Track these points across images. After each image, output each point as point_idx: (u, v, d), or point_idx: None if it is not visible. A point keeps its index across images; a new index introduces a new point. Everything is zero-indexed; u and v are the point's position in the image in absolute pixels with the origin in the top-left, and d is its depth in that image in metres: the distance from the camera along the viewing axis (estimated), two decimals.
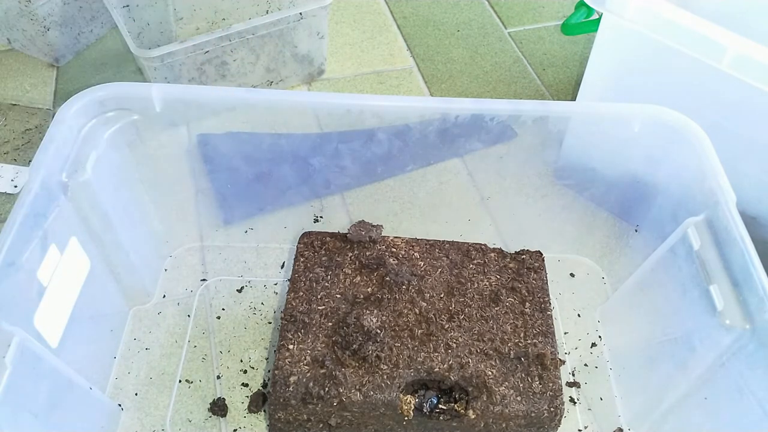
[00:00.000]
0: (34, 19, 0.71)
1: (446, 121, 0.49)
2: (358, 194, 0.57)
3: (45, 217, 0.41)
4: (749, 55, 0.45)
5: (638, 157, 0.51)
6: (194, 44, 0.63)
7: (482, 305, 0.49)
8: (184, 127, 0.51)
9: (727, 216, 0.42)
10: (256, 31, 0.66)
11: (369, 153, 0.52)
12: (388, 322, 0.47)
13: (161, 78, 0.64)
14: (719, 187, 0.44)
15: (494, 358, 0.46)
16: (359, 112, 0.48)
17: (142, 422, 0.48)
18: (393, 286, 0.49)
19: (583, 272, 0.59)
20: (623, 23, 0.51)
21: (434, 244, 0.53)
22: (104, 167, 0.46)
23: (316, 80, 0.77)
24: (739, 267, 0.40)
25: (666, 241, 0.48)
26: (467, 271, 0.52)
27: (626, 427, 0.49)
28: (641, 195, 0.53)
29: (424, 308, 0.48)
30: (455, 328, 0.47)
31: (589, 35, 0.81)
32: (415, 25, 0.86)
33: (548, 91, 0.77)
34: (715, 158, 0.45)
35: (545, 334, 0.48)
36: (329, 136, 0.51)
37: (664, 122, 0.48)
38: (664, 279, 0.48)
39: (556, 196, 0.56)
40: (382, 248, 0.52)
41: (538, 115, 0.49)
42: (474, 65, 0.80)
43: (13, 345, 0.35)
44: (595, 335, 0.55)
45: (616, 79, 0.56)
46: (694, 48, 0.48)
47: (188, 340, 0.53)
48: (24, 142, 0.68)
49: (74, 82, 0.75)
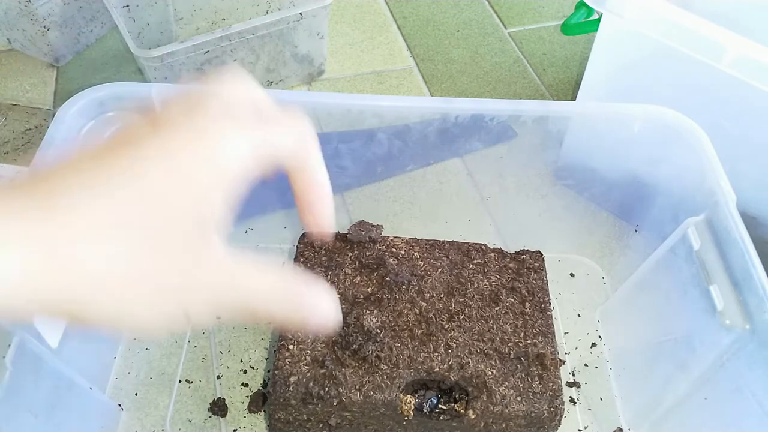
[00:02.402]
0: (34, 19, 0.71)
1: (446, 121, 0.49)
2: (358, 194, 0.57)
3: None
4: (749, 55, 0.45)
5: (638, 157, 0.51)
6: (194, 44, 0.63)
7: (482, 305, 0.49)
8: None
9: (727, 216, 0.42)
10: (256, 31, 0.66)
11: (369, 153, 0.52)
12: (388, 322, 0.47)
13: (161, 78, 0.64)
14: (719, 187, 0.44)
15: (494, 358, 0.46)
16: (359, 112, 0.48)
17: (142, 422, 0.48)
18: (393, 286, 0.49)
19: (583, 272, 0.59)
20: (623, 23, 0.51)
21: (434, 244, 0.53)
22: None
23: (316, 80, 0.77)
24: (739, 267, 0.40)
25: (666, 241, 0.48)
26: (467, 271, 0.52)
27: (626, 427, 0.49)
28: (641, 195, 0.53)
29: (424, 308, 0.48)
30: (455, 328, 0.47)
31: (589, 35, 0.81)
32: (415, 25, 0.86)
33: (548, 91, 0.77)
34: (715, 158, 0.45)
35: (545, 334, 0.48)
36: (329, 136, 0.51)
37: (664, 122, 0.48)
38: (664, 279, 0.48)
39: (556, 196, 0.56)
40: (382, 248, 0.52)
41: (538, 115, 0.49)
42: (474, 65, 0.80)
43: (13, 345, 0.35)
44: (595, 335, 0.55)
45: (616, 79, 0.56)
46: (694, 48, 0.48)
47: (188, 340, 0.53)
48: (24, 142, 0.68)
49: (74, 82, 0.75)
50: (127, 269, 0.23)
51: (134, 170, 0.24)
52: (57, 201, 0.23)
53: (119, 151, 0.25)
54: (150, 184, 0.24)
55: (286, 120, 0.29)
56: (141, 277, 0.24)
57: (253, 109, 0.29)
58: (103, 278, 0.23)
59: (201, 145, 0.24)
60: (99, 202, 0.24)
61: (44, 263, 0.23)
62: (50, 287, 0.23)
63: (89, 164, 0.24)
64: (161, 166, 0.24)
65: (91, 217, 0.23)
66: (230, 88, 0.28)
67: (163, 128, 0.25)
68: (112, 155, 0.25)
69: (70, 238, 0.23)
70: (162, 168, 0.24)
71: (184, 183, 0.24)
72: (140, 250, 0.23)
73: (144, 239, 0.24)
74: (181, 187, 0.24)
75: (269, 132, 0.27)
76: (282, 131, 0.28)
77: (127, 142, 0.25)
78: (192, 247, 0.24)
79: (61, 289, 0.23)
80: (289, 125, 0.28)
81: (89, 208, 0.23)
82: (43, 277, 0.23)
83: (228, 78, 0.28)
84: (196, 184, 0.24)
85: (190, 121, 0.25)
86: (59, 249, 0.23)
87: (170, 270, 0.24)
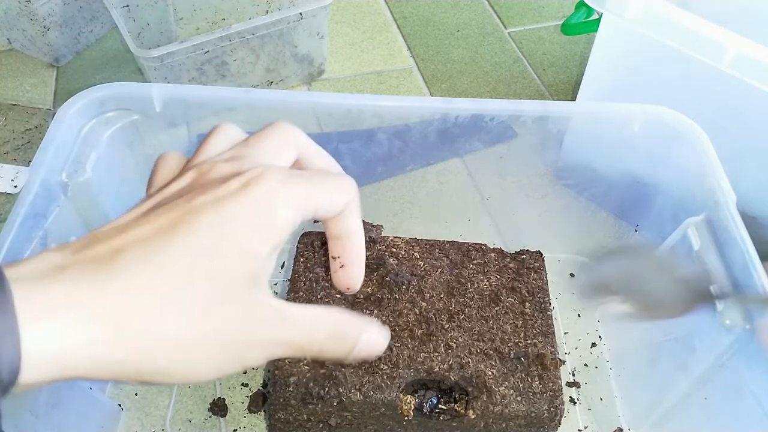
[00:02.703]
0: (34, 19, 0.71)
1: (446, 121, 0.49)
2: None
3: (45, 217, 0.41)
4: (749, 55, 0.45)
5: (638, 157, 0.51)
6: (194, 44, 0.63)
7: (482, 305, 0.49)
8: (184, 127, 0.51)
9: (727, 216, 0.42)
10: (256, 31, 0.66)
11: (369, 153, 0.52)
12: (388, 322, 0.47)
13: (161, 78, 0.64)
14: (719, 187, 0.44)
15: (494, 358, 0.46)
16: (359, 112, 0.48)
17: (142, 422, 0.48)
18: (393, 286, 0.49)
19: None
20: (623, 23, 0.51)
21: (434, 244, 0.53)
22: (104, 167, 0.46)
23: (316, 80, 0.77)
24: (739, 267, 0.40)
25: (666, 241, 0.48)
26: (467, 271, 0.52)
27: (626, 427, 0.49)
28: (641, 195, 0.53)
29: (424, 308, 0.48)
30: (455, 328, 0.47)
31: (589, 35, 0.81)
32: (415, 25, 0.86)
33: (548, 91, 0.77)
34: (715, 158, 0.45)
35: (545, 334, 0.48)
36: (329, 136, 0.51)
37: (664, 122, 0.48)
38: None
39: (556, 196, 0.56)
40: (382, 248, 0.52)
41: (538, 115, 0.49)
42: (474, 65, 0.80)
43: None
44: (595, 335, 0.55)
45: (616, 79, 0.56)
46: (694, 48, 0.48)
47: None
48: (24, 142, 0.68)
49: (74, 82, 0.75)
50: (190, 331, 0.25)
51: (190, 235, 0.25)
52: (116, 266, 0.24)
53: (173, 215, 0.26)
54: (206, 247, 0.25)
55: (334, 180, 0.30)
56: (203, 337, 0.25)
57: (302, 165, 0.31)
58: (169, 343, 0.24)
59: (254, 210, 0.26)
60: (158, 266, 0.24)
61: (110, 331, 0.23)
62: (117, 355, 0.24)
63: (145, 228, 0.25)
64: (216, 229, 0.25)
65: (151, 281, 0.24)
66: (278, 143, 0.30)
67: (215, 190, 0.26)
68: (167, 220, 0.26)
69: (134, 303, 0.24)
70: (217, 231, 0.25)
71: (238, 245, 0.25)
72: (200, 311, 0.25)
73: (203, 300, 0.25)
74: (235, 249, 0.25)
75: (318, 192, 0.29)
76: (330, 192, 0.30)
77: (179, 206, 0.26)
78: (245, 300, 0.26)
79: (128, 357, 0.24)
80: (337, 187, 0.30)
81: (149, 273, 0.24)
82: (111, 344, 0.24)
83: (276, 131, 0.30)
84: (248, 244, 0.26)
85: (243, 185, 0.26)
86: (124, 316, 0.24)
87: (228, 325, 0.25)
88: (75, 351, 0.23)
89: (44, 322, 0.23)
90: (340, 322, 0.29)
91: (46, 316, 0.23)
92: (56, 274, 0.24)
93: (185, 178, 0.28)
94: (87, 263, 0.24)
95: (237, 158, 0.28)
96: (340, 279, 0.35)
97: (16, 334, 0.22)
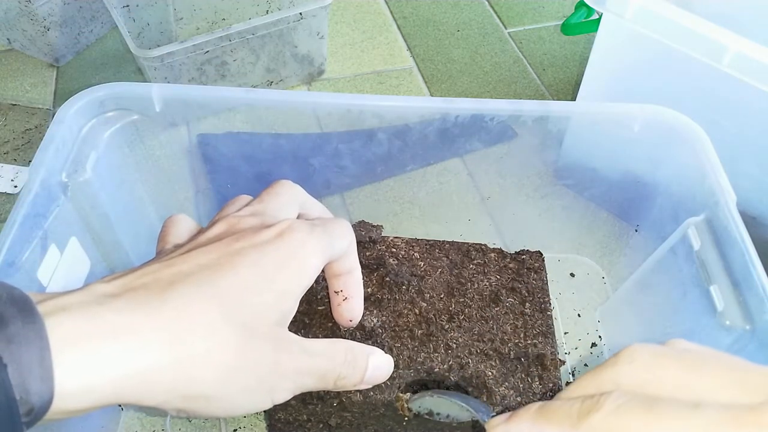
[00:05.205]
0: (34, 19, 0.71)
1: (446, 121, 0.49)
2: (358, 194, 0.57)
3: (45, 217, 0.41)
4: (749, 55, 0.45)
5: (638, 157, 0.51)
6: (194, 44, 0.63)
7: (482, 305, 0.49)
8: (184, 127, 0.51)
9: (727, 216, 0.42)
10: (256, 31, 0.66)
11: (369, 153, 0.52)
12: (388, 322, 0.47)
13: (161, 78, 0.64)
14: (719, 187, 0.44)
15: (494, 359, 0.46)
16: (359, 112, 0.48)
17: (142, 422, 0.48)
18: (393, 287, 0.49)
19: (583, 272, 0.59)
20: (623, 23, 0.51)
21: (434, 245, 0.53)
22: (104, 167, 0.46)
23: (316, 80, 0.77)
24: (739, 267, 0.40)
25: (666, 241, 0.48)
26: (467, 271, 0.52)
27: None
28: (641, 195, 0.53)
29: (424, 308, 0.48)
30: (455, 328, 0.47)
31: (589, 35, 0.81)
32: (415, 25, 0.86)
33: (548, 91, 0.77)
34: (715, 158, 0.45)
35: (545, 335, 0.48)
36: (329, 136, 0.51)
37: (664, 122, 0.48)
38: (664, 279, 0.48)
39: (556, 196, 0.56)
40: (382, 248, 0.52)
41: (538, 115, 0.49)
42: (474, 65, 0.80)
43: None
44: (595, 335, 0.55)
45: (616, 79, 0.56)
46: (694, 48, 0.48)
47: None
48: (24, 142, 0.68)
49: (74, 82, 0.75)
50: (235, 359, 0.27)
51: (235, 273, 0.28)
52: (167, 295, 0.26)
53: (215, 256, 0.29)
54: (250, 283, 0.28)
55: (340, 226, 0.35)
56: (244, 366, 0.27)
57: (303, 215, 0.36)
58: (217, 368, 0.26)
59: (290, 255, 0.30)
60: (209, 297, 0.27)
61: (165, 355, 0.25)
62: (167, 379, 0.25)
63: (189, 265, 0.28)
64: (258, 270, 0.29)
65: (203, 310, 0.26)
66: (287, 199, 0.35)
67: (252, 238, 0.30)
68: (210, 260, 0.28)
69: (188, 330, 0.26)
70: (258, 272, 0.29)
71: (276, 284, 0.29)
72: (244, 341, 0.27)
73: (244, 331, 0.27)
74: (273, 288, 0.29)
75: (333, 236, 0.33)
76: (339, 235, 0.34)
77: (219, 249, 0.29)
78: (276, 334, 0.29)
79: (178, 381, 0.25)
80: (342, 232, 0.35)
81: (201, 303, 0.26)
82: (163, 369, 0.25)
83: (282, 190, 0.35)
84: (285, 284, 0.29)
85: (278, 234, 0.30)
86: (179, 341, 0.25)
87: (263, 358, 0.28)
88: (126, 377, 0.24)
89: (93, 348, 0.23)
90: (348, 348, 0.32)
91: (95, 342, 0.24)
92: (107, 302, 0.25)
93: (217, 227, 0.31)
94: (138, 291, 0.26)
95: (258, 214, 0.32)
96: (343, 312, 0.39)
97: (48, 367, 0.22)
